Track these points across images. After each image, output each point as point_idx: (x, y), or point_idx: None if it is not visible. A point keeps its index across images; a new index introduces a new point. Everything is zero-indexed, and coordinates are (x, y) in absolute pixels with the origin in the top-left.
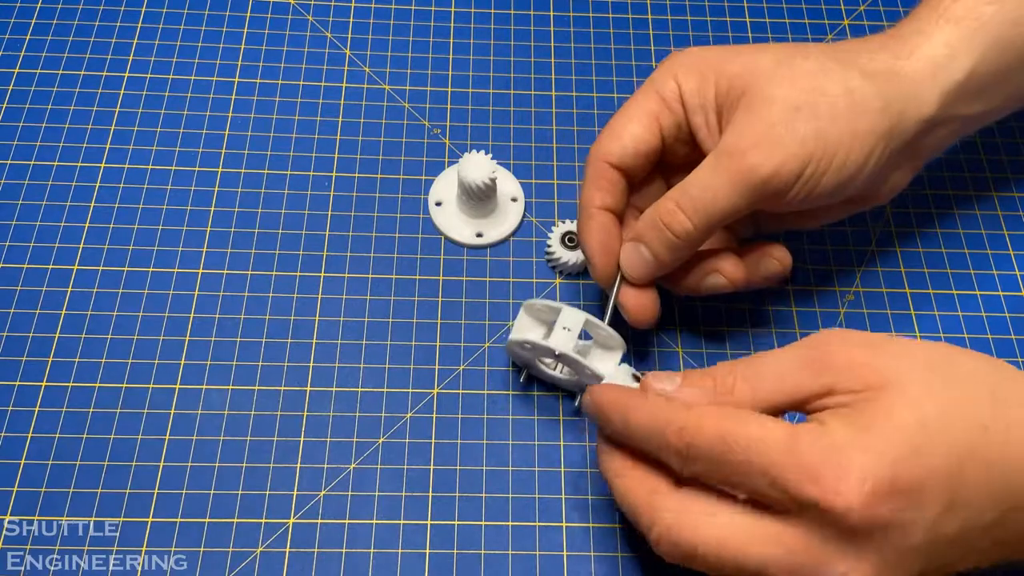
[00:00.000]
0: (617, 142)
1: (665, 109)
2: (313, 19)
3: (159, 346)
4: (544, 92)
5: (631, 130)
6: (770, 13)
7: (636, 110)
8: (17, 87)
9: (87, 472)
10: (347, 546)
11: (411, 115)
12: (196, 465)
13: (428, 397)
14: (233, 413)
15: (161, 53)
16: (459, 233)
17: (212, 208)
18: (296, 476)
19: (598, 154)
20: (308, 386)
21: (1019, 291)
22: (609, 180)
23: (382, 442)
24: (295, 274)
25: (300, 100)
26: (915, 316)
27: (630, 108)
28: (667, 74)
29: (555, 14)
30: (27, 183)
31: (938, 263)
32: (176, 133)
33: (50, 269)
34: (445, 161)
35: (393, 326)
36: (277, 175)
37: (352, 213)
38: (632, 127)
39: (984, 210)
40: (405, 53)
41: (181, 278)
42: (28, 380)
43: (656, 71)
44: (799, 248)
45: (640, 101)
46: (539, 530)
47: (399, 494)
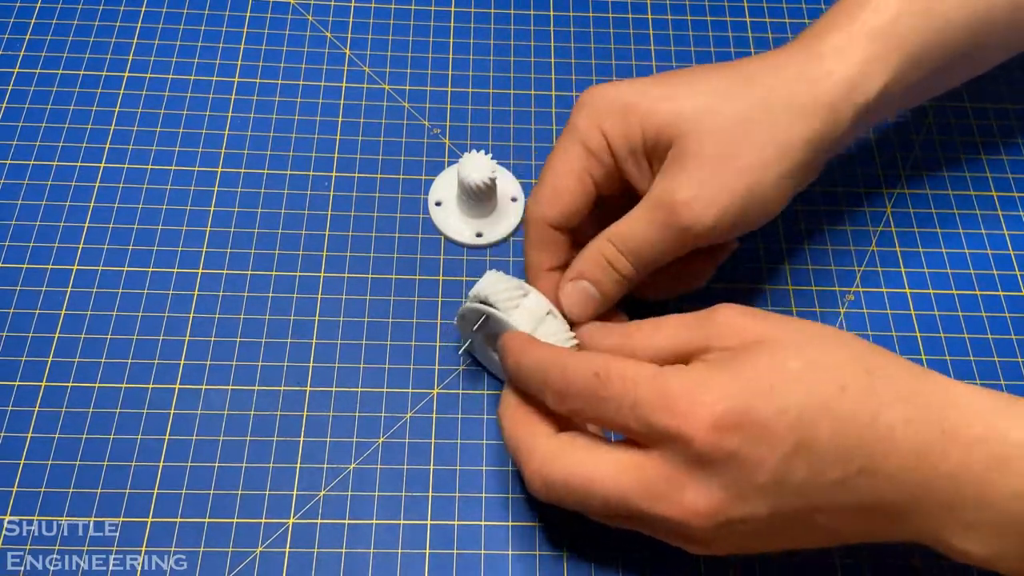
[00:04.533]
0: (556, 205)
1: (596, 162)
2: (313, 19)
3: (159, 346)
4: (544, 92)
5: (568, 187)
6: (770, 13)
7: (568, 166)
8: (17, 87)
9: (87, 472)
10: (347, 546)
11: (411, 115)
12: (196, 465)
13: (428, 397)
14: (233, 413)
15: (161, 53)
16: (459, 233)
17: (212, 208)
18: (296, 476)
19: (540, 218)
20: (308, 386)
21: (1019, 291)
22: (553, 242)
23: (382, 442)
24: (295, 274)
25: (300, 100)
26: (915, 316)
27: (562, 164)
28: (591, 124)
29: (555, 14)
30: (27, 183)
31: (938, 263)
32: (176, 133)
33: (50, 269)
34: (445, 161)
35: (393, 326)
36: (277, 175)
37: (352, 213)
38: (568, 184)
39: (984, 210)
40: (405, 53)
41: (181, 278)
42: (28, 380)
43: (577, 118)
44: (799, 248)
45: (571, 156)
46: (539, 530)
47: (399, 494)
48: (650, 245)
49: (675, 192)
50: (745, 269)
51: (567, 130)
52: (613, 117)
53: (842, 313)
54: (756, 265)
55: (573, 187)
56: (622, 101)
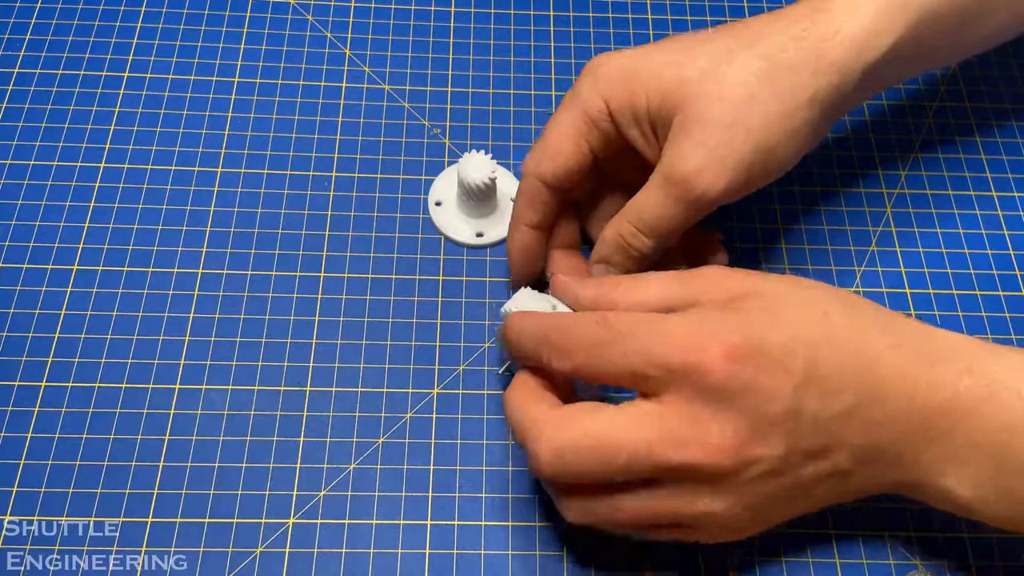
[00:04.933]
0: (551, 163)
1: (593, 129)
2: (313, 19)
3: (159, 346)
4: (544, 92)
5: (564, 149)
6: None
7: (566, 130)
8: (17, 87)
9: (87, 472)
10: (347, 546)
11: (411, 115)
12: (196, 465)
13: (428, 397)
14: (233, 413)
15: (161, 53)
16: (459, 233)
17: (212, 208)
18: (296, 476)
19: (534, 172)
20: (308, 386)
21: (1019, 291)
22: (542, 200)
23: (382, 442)
24: (295, 274)
25: (300, 100)
26: (915, 316)
27: (561, 125)
28: (592, 90)
29: (555, 14)
30: (27, 183)
31: (938, 263)
32: (176, 133)
33: (50, 269)
34: (445, 161)
35: (393, 326)
36: (277, 175)
37: (352, 213)
38: (564, 147)
39: (984, 210)
40: (405, 53)
41: (181, 278)
42: (28, 380)
43: (581, 83)
44: (799, 248)
45: (570, 121)
46: (539, 530)
47: (399, 494)
48: (667, 218)
49: (685, 162)
50: (745, 269)
51: (570, 94)
52: (616, 85)
53: None
54: (756, 265)
55: (569, 151)
56: (626, 69)
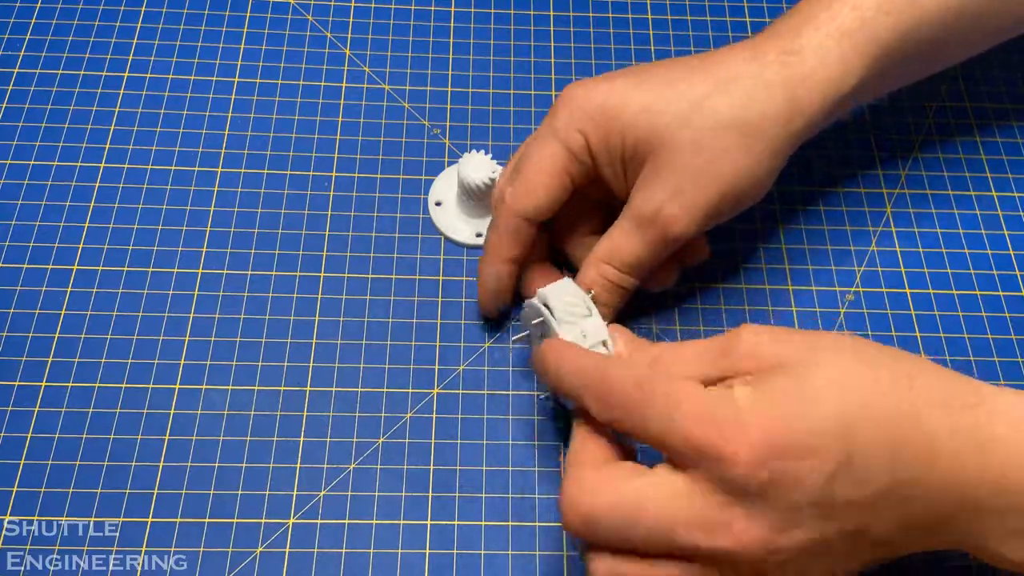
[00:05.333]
0: (532, 199)
1: (575, 162)
2: (313, 19)
3: (159, 346)
4: (544, 92)
5: (545, 184)
6: (770, 13)
7: (548, 164)
8: (17, 87)
9: (87, 472)
10: (347, 546)
11: (411, 115)
12: (196, 465)
13: (428, 397)
14: (233, 413)
15: (161, 53)
16: (459, 233)
17: (212, 208)
18: (296, 476)
19: (512, 207)
20: (308, 386)
21: (1019, 291)
22: (520, 234)
23: (382, 442)
24: (295, 274)
25: (300, 100)
26: (915, 316)
27: (543, 160)
28: (571, 125)
29: (555, 14)
30: (27, 183)
31: (938, 263)
32: (176, 133)
33: (50, 269)
34: (445, 161)
35: (393, 326)
36: (277, 175)
37: (352, 213)
38: (546, 181)
39: (984, 210)
40: (405, 53)
41: (181, 278)
42: (28, 380)
43: (557, 116)
44: (799, 248)
45: (551, 154)
46: (539, 530)
47: (399, 494)
48: (645, 257)
49: (659, 206)
50: (746, 270)
51: (546, 126)
52: (594, 122)
53: (842, 313)
54: (757, 265)
55: (551, 184)
56: (604, 107)
